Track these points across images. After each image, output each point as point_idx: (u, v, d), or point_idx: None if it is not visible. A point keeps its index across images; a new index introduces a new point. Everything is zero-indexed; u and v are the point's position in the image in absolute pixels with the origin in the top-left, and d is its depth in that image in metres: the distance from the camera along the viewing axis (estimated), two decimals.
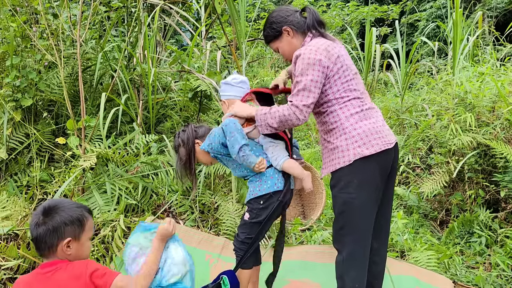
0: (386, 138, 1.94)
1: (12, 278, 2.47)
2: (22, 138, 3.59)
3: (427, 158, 4.36)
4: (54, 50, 3.29)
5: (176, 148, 2.31)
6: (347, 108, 1.95)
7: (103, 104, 3.31)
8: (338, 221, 2.00)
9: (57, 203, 1.68)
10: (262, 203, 2.10)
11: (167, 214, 3.37)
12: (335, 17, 10.89)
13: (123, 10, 4.46)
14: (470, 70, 4.82)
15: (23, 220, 2.88)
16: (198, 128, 2.32)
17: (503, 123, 3.61)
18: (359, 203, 1.92)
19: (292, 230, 3.46)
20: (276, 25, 2.06)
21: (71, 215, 1.65)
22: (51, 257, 1.63)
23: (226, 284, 2.10)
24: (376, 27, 7.98)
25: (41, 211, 1.65)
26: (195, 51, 4.94)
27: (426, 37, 11.45)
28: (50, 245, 1.61)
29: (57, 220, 1.62)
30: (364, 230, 1.97)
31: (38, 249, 1.64)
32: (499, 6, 12.14)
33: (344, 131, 1.93)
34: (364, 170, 1.91)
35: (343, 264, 1.99)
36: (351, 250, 1.97)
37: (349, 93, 1.95)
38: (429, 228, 3.76)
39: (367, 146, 1.89)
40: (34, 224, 1.63)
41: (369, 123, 1.94)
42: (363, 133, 1.91)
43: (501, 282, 2.71)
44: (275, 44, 2.13)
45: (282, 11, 2.08)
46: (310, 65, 1.88)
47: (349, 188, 1.92)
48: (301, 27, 2.05)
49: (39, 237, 1.61)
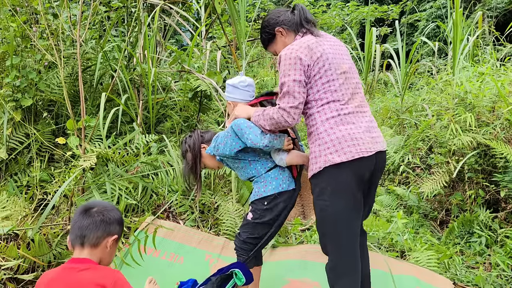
0: (362, 146, 1.82)
1: (12, 278, 2.47)
2: (22, 138, 3.59)
3: (427, 158, 4.35)
4: (54, 50, 3.30)
5: (183, 153, 2.34)
6: (324, 111, 1.87)
7: (103, 104, 3.31)
8: (319, 228, 1.97)
9: (104, 203, 1.73)
10: (266, 204, 2.10)
11: (167, 214, 3.37)
12: (335, 17, 10.88)
13: (123, 10, 4.46)
14: (470, 70, 4.82)
15: (23, 220, 2.89)
16: (204, 133, 2.34)
17: (503, 123, 3.60)
18: (334, 210, 1.85)
19: (292, 230, 3.46)
20: (269, 28, 2.06)
21: (120, 216, 1.71)
22: (87, 249, 1.61)
23: (240, 278, 2.02)
24: (376, 27, 7.98)
25: (91, 205, 1.68)
26: (195, 51, 4.94)
27: (426, 37, 11.45)
28: (99, 236, 1.61)
29: (113, 215, 1.66)
30: (344, 239, 1.88)
31: (83, 237, 1.60)
32: (499, 6, 12.15)
33: (318, 136, 1.88)
34: (337, 177, 1.83)
35: (331, 274, 1.94)
36: (334, 261, 1.92)
37: (328, 95, 1.86)
38: (429, 228, 3.75)
39: (339, 153, 1.81)
40: (87, 213, 1.63)
41: (345, 129, 1.83)
42: (336, 140, 1.82)
43: (501, 282, 2.71)
44: (272, 47, 2.12)
45: (273, 13, 2.08)
46: (292, 64, 1.85)
47: (324, 195, 1.86)
48: (292, 26, 2.03)
49: (92, 225, 1.60)
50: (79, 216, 1.64)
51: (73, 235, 1.63)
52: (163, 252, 2.96)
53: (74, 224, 1.64)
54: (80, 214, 1.64)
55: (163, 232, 3.06)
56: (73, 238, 1.62)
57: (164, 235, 3.06)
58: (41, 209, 3.00)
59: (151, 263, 2.82)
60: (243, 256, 2.20)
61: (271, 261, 2.93)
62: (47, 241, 2.63)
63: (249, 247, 2.16)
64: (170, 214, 3.37)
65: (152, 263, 2.83)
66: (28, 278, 2.46)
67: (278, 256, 2.99)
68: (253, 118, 2.04)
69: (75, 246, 1.62)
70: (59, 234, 2.72)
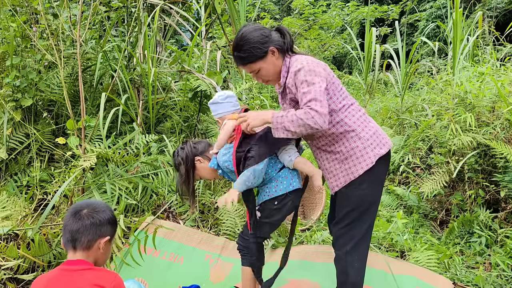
0: (388, 137, 2.02)
1: (12, 278, 2.47)
2: (22, 138, 3.59)
3: (427, 158, 4.36)
4: (54, 50, 3.30)
5: (177, 167, 2.28)
6: (351, 114, 1.96)
7: (103, 104, 3.31)
8: (347, 217, 2.02)
9: (94, 203, 1.69)
10: (277, 204, 2.11)
11: (167, 214, 3.37)
12: (335, 17, 10.88)
13: (123, 10, 4.46)
14: (470, 70, 4.82)
15: (23, 220, 2.89)
16: (197, 144, 2.29)
17: (503, 123, 3.60)
18: (372, 199, 1.99)
19: None
20: (262, 45, 1.96)
21: (111, 215, 1.68)
22: (80, 252, 1.60)
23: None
24: (376, 27, 7.98)
25: (82, 206, 1.65)
26: (195, 51, 4.94)
27: (426, 37, 11.45)
28: (90, 239, 1.59)
29: (103, 217, 1.63)
30: (370, 225, 2.03)
31: (74, 241, 1.59)
32: (499, 6, 12.15)
33: (358, 136, 1.94)
34: (378, 168, 1.95)
35: (346, 257, 2.02)
36: (356, 243, 2.01)
37: (347, 100, 1.98)
38: (429, 228, 3.76)
39: (381, 146, 1.95)
40: (77, 215, 1.61)
41: (373, 125, 2.00)
42: (374, 135, 1.96)
43: (501, 282, 2.71)
44: (258, 64, 1.99)
45: (262, 30, 1.99)
46: (315, 74, 1.85)
47: (363, 185, 1.96)
48: (282, 48, 2.01)
49: (83, 229, 1.58)
50: (69, 219, 1.62)
51: (64, 239, 1.61)
52: (163, 252, 2.96)
53: (65, 227, 1.62)
54: (70, 217, 1.62)
55: (163, 232, 3.06)
56: (65, 242, 1.61)
57: (164, 235, 3.06)
58: (41, 209, 3.00)
59: (151, 263, 2.82)
60: (248, 256, 2.19)
61: (271, 261, 2.92)
62: (47, 241, 2.62)
63: (254, 246, 2.16)
64: (170, 214, 3.37)
65: (152, 263, 2.83)
66: (28, 278, 2.46)
67: (278, 256, 2.98)
68: (274, 119, 1.89)
69: (68, 249, 1.61)
70: (59, 234, 2.72)
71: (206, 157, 2.26)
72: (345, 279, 2.03)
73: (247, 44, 1.95)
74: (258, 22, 10.48)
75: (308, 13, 10.50)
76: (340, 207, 2.05)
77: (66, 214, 1.65)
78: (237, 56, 2.00)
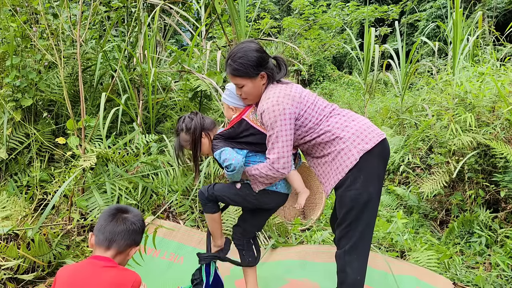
0: (377, 131, 2.03)
1: (12, 278, 2.47)
2: (22, 138, 3.59)
3: (427, 158, 4.36)
4: (54, 50, 3.30)
5: (178, 131, 2.25)
6: (333, 121, 2.02)
7: (103, 104, 3.31)
8: (346, 218, 2.03)
9: (134, 209, 1.72)
10: (257, 192, 2.14)
11: (167, 214, 3.37)
12: (335, 17, 10.88)
13: (123, 10, 4.46)
14: (470, 70, 4.82)
15: (23, 220, 2.88)
16: (205, 118, 2.28)
17: (503, 123, 3.60)
18: (367, 198, 1.97)
19: (292, 230, 3.46)
20: (257, 68, 2.01)
21: (144, 225, 1.72)
22: (111, 252, 1.60)
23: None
24: (376, 27, 7.98)
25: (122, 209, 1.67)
26: (195, 51, 4.94)
27: (426, 37, 11.45)
28: (128, 244, 1.62)
29: (143, 226, 1.69)
30: (369, 224, 2.02)
31: (111, 241, 1.59)
32: (499, 6, 12.16)
33: (339, 136, 1.99)
34: (368, 164, 1.96)
35: (345, 256, 2.03)
36: (354, 242, 2.01)
37: (326, 111, 2.05)
38: (429, 228, 3.76)
39: (366, 141, 1.96)
40: (121, 217, 1.62)
41: (356, 123, 2.02)
42: (357, 132, 1.98)
43: (501, 282, 2.71)
44: (245, 81, 2.04)
45: (262, 54, 2.04)
46: (277, 116, 1.93)
47: (356, 184, 1.95)
48: (272, 78, 2.07)
49: (124, 233, 1.60)
50: (112, 219, 1.62)
51: (101, 236, 1.60)
52: (163, 252, 2.96)
53: (105, 225, 1.61)
54: (113, 218, 1.62)
55: (163, 232, 3.06)
56: (101, 239, 1.59)
57: (164, 235, 3.06)
58: (41, 209, 3.00)
59: (151, 263, 2.82)
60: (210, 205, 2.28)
61: (271, 261, 2.93)
62: (47, 241, 2.62)
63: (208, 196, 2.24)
64: (170, 214, 3.37)
65: (152, 263, 2.83)
66: (28, 278, 2.45)
67: (278, 256, 2.99)
68: (250, 176, 2.09)
69: (100, 246, 1.60)
70: (59, 234, 2.72)
71: (208, 134, 2.25)
72: (344, 278, 2.04)
73: (244, 59, 2.01)
74: (259, 22, 10.49)
75: (308, 13, 10.50)
76: (339, 210, 2.07)
77: (105, 213, 1.66)
78: (230, 65, 2.06)
